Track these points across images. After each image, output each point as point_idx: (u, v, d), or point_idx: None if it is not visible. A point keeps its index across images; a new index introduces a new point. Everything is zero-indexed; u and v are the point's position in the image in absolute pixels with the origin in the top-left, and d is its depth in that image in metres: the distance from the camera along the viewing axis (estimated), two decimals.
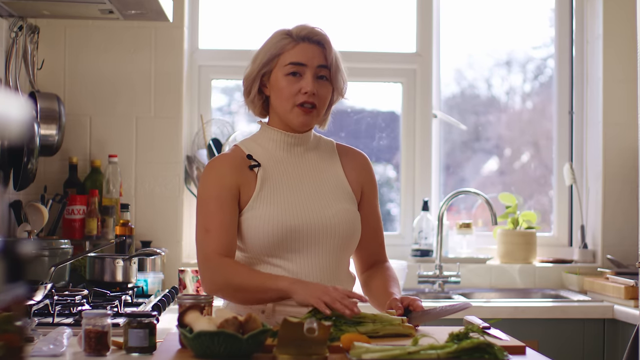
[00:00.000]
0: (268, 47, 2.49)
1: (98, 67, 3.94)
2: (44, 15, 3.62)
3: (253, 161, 2.48)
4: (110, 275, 3.34)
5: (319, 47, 2.47)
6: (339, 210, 2.46)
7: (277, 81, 2.46)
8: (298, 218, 2.41)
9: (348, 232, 2.47)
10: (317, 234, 2.42)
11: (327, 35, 2.50)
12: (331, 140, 2.62)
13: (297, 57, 2.45)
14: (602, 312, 3.61)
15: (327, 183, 2.51)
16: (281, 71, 2.46)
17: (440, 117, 4.34)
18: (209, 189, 2.45)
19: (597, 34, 4.20)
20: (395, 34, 4.37)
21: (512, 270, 4.14)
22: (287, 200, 2.44)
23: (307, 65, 2.45)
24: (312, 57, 2.45)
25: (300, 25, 2.49)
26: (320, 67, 2.46)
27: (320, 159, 2.55)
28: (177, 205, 3.96)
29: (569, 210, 4.37)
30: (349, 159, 2.60)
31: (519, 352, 2.13)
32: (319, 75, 2.47)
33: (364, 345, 1.95)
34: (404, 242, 4.24)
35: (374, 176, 2.63)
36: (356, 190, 2.56)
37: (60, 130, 3.69)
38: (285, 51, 2.46)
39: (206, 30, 4.25)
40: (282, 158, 2.51)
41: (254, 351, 1.99)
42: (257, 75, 2.49)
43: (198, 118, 4.15)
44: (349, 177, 2.56)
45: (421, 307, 2.35)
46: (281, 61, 2.46)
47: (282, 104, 2.47)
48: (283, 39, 2.47)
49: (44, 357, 2.20)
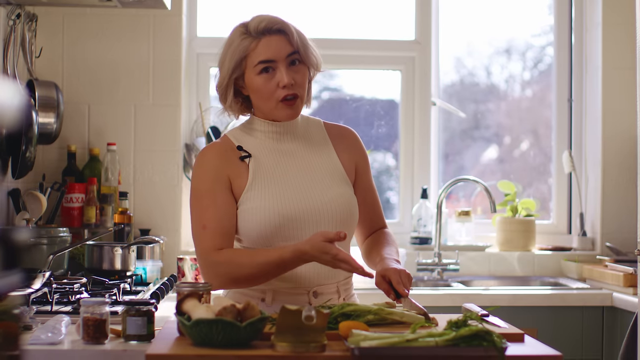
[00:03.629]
0: (232, 52, 2.43)
1: (96, 55, 3.93)
2: (42, 3, 3.61)
3: (243, 152, 2.46)
4: (109, 263, 3.34)
5: (281, 36, 2.42)
6: (335, 195, 2.45)
7: (252, 82, 2.43)
8: (294, 206, 2.40)
9: (345, 216, 2.46)
10: (314, 220, 2.41)
11: (285, 20, 2.44)
12: (319, 120, 2.60)
13: (263, 54, 2.40)
14: (601, 299, 3.61)
15: (321, 168, 2.49)
16: (253, 71, 2.41)
17: (440, 104, 4.34)
18: (200, 183, 2.43)
19: (596, 21, 4.19)
20: (394, 22, 4.36)
21: (511, 258, 4.14)
22: (282, 189, 2.42)
23: (276, 60, 2.40)
24: (278, 50, 2.40)
25: (255, 18, 2.43)
26: (290, 55, 2.42)
27: (311, 144, 2.53)
28: (176, 193, 3.96)
29: (568, 198, 4.37)
30: (339, 139, 2.57)
31: (517, 339, 2.13)
32: (291, 62, 2.42)
33: (362, 333, 1.95)
34: (403, 229, 4.24)
35: (365, 151, 2.61)
36: (350, 171, 2.55)
37: (59, 118, 3.68)
38: (249, 51, 2.41)
39: (204, 18, 4.24)
40: (273, 147, 2.49)
41: (252, 339, 1.99)
42: (230, 82, 2.45)
43: (197, 106, 4.15)
44: (341, 158, 2.54)
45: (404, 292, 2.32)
46: (249, 62, 2.42)
47: (265, 103, 2.44)
48: (243, 39, 2.41)
49: (42, 345, 2.20)
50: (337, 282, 2.46)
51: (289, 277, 2.40)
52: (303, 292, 2.42)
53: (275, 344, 1.93)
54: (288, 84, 2.40)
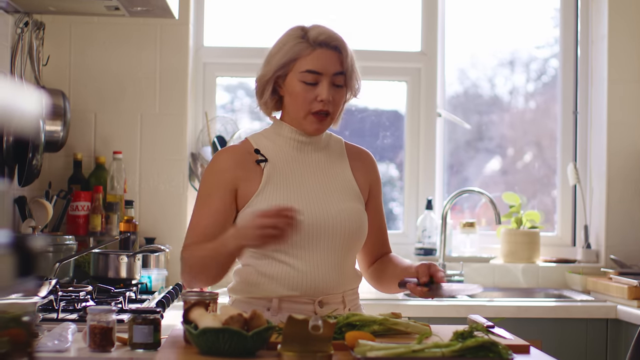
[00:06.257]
0: (284, 51, 2.44)
1: (103, 64, 3.94)
2: (49, 11, 3.63)
3: (260, 156, 2.48)
4: (115, 272, 3.34)
5: (336, 53, 2.44)
6: (345, 208, 2.46)
7: (292, 85, 2.44)
8: (303, 214, 2.40)
9: (354, 229, 2.46)
10: (322, 231, 2.42)
11: (344, 39, 2.47)
12: (340, 139, 2.62)
13: (314, 65, 2.41)
14: (605, 312, 3.61)
15: (335, 182, 2.51)
16: (297, 76, 2.43)
17: (445, 116, 4.34)
18: (203, 185, 2.48)
19: (602, 34, 4.20)
20: (400, 33, 4.37)
21: (516, 270, 4.14)
22: (292, 196, 2.43)
23: (323, 74, 2.42)
24: (328, 65, 2.42)
25: (317, 28, 2.45)
26: (337, 75, 2.44)
27: (329, 159, 2.54)
28: (182, 202, 3.96)
29: (573, 210, 4.37)
30: (357, 160, 2.60)
31: (523, 351, 2.13)
32: (335, 83, 2.44)
33: (368, 343, 1.95)
34: (407, 240, 4.24)
35: (379, 176, 2.65)
36: (363, 191, 2.56)
37: (65, 127, 3.69)
38: (301, 57, 2.42)
39: (211, 28, 4.26)
40: (292, 155, 2.50)
41: (258, 348, 1.99)
42: (272, 78, 2.46)
43: (203, 115, 4.16)
44: (356, 177, 2.56)
45: (442, 279, 2.36)
46: (297, 66, 2.42)
47: (297, 110, 2.45)
48: (299, 42, 2.43)
49: (48, 352, 2.21)
50: (343, 292, 2.47)
51: (295, 286, 2.40)
52: (309, 302, 2.42)
53: (282, 354, 1.93)
54: (326, 100, 2.42)
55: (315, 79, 2.42)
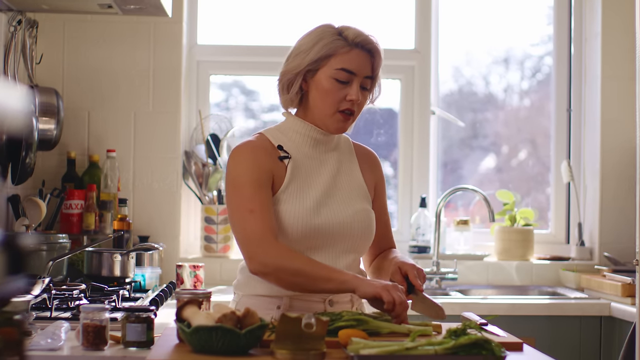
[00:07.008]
0: (320, 46, 2.42)
1: (96, 62, 3.94)
2: (43, 9, 3.62)
3: (283, 152, 2.46)
4: (108, 270, 3.34)
5: (370, 56, 2.45)
6: (358, 210, 2.48)
7: (322, 82, 2.42)
8: (322, 217, 2.41)
9: (365, 231, 2.48)
10: (337, 232, 2.43)
11: (379, 45, 2.47)
12: (347, 138, 2.62)
13: (349, 64, 2.41)
14: (599, 309, 3.61)
15: (348, 182, 2.52)
16: (329, 73, 2.41)
17: (439, 113, 4.34)
18: (244, 173, 2.39)
19: (595, 31, 4.21)
20: (394, 30, 4.37)
21: (510, 267, 4.15)
22: (313, 197, 2.43)
23: (356, 74, 2.42)
24: (362, 67, 2.43)
25: (351, 28, 2.45)
26: (366, 78, 2.45)
27: (341, 159, 2.55)
28: (175, 200, 3.96)
29: (567, 208, 4.37)
30: (364, 159, 2.61)
31: (516, 348, 2.13)
32: (363, 85, 2.45)
33: (361, 341, 1.95)
34: (401, 238, 4.24)
35: (383, 174, 2.67)
36: (371, 191, 2.58)
37: (59, 125, 3.69)
38: (338, 54, 2.41)
39: (205, 26, 4.25)
40: (308, 153, 2.49)
41: (251, 346, 1.99)
42: (302, 72, 2.43)
43: (196, 113, 4.16)
44: (364, 176, 2.58)
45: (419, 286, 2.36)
46: (332, 63, 2.41)
47: (324, 107, 2.43)
48: (336, 39, 2.42)
49: (41, 351, 2.20)
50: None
51: None
52: (319, 301, 2.42)
53: (275, 351, 1.93)
54: (355, 100, 2.42)
55: (347, 78, 2.42)
